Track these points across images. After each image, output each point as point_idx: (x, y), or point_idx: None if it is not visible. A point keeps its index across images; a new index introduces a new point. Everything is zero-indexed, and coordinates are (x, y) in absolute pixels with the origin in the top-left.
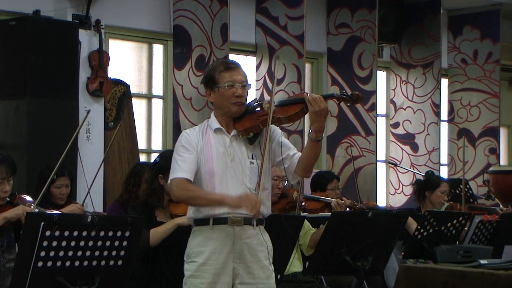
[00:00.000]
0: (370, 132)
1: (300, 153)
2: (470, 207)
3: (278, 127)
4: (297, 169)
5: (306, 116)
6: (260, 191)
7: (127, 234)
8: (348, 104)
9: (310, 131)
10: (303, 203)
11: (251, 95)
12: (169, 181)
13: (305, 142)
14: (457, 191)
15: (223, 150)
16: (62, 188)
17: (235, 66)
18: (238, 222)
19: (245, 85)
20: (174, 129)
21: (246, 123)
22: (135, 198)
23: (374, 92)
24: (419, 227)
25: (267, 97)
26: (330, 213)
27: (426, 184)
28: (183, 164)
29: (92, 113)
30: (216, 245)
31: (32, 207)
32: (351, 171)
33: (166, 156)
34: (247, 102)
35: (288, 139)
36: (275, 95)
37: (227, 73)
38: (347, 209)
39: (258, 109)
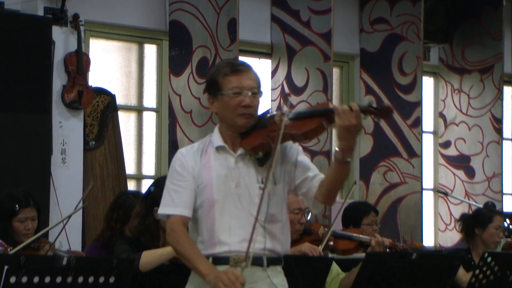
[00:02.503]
0: (414, 154)
1: (323, 175)
2: None
3: (297, 144)
4: (318, 194)
5: (334, 134)
6: (257, 223)
7: (111, 280)
8: (376, 120)
9: (337, 149)
10: (331, 242)
11: (266, 106)
12: (158, 213)
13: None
14: None
15: (226, 173)
16: (27, 222)
17: (244, 69)
18: (242, 262)
19: (255, 93)
20: (170, 149)
21: (255, 140)
22: (120, 236)
23: (418, 104)
24: (477, 272)
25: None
26: (364, 254)
27: (475, 220)
28: (176, 197)
29: (69, 130)
30: None
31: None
32: (390, 202)
33: (162, 185)
34: (259, 114)
35: (312, 162)
36: (296, 106)
37: (234, 77)
38: (387, 250)
39: (269, 122)
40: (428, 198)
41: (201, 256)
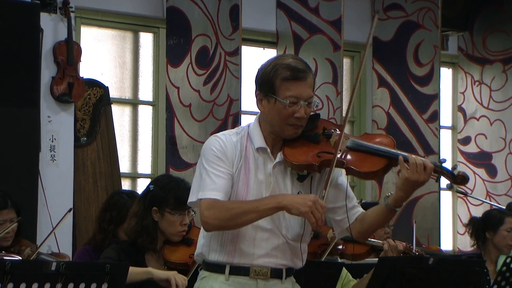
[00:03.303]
0: (431, 150)
1: (362, 210)
2: None
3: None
4: (353, 229)
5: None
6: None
7: (104, 287)
8: (447, 185)
9: (389, 194)
10: (341, 246)
11: None
12: (193, 199)
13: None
14: None
15: (262, 179)
16: (5, 224)
17: (304, 76)
18: (264, 275)
19: (310, 102)
20: (168, 145)
21: (301, 156)
22: (113, 240)
23: (436, 97)
24: (499, 279)
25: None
26: (376, 259)
27: (485, 223)
28: (218, 181)
29: (58, 125)
30: None
31: None
32: (405, 203)
33: (162, 183)
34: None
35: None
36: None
37: (293, 84)
38: (401, 255)
39: (322, 140)
40: (446, 199)
41: (256, 200)
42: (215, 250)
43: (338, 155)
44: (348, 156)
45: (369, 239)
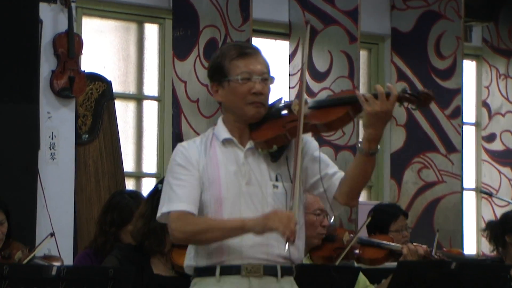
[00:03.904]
0: (454, 148)
1: (343, 173)
2: None
3: (314, 138)
4: (338, 194)
5: (361, 125)
6: (294, 208)
7: None
8: (413, 108)
9: (361, 140)
10: (357, 250)
11: (281, 95)
12: (159, 215)
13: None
14: None
15: (235, 169)
16: None
17: (253, 52)
18: (256, 272)
19: (266, 78)
20: (174, 143)
21: (268, 132)
22: (115, 243)
23: (459, 91)
24: None
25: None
26: (395, 264)
27: (504, 226)
28: (181, 191)
29: (59, 122)
30: None
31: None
32: (426, 204)
33: None
34: (270, 103)
35: (336, 158)
36: (317, 95)
37: (242, 61)
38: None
39: (284, 112)
40: (469, 200)
41: (225, 219)
42: (204, 256)
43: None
44: (313, 116)
45: (387, 242)
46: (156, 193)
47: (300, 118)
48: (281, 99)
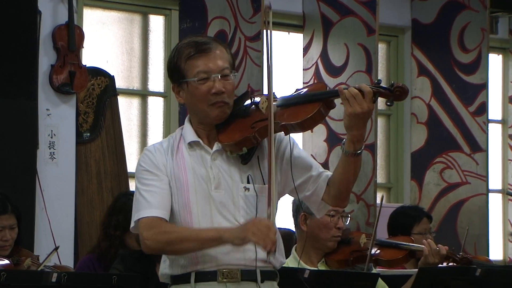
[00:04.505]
0: (478, 147)
1: (329, 173)
2: None
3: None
4: (327, 197)
5: (379, 123)
6: (272, 216)
7: None
8: (388, 103)
9: (343, 142)
10: (376, 250)
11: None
12: (132, 225)
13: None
14: None
15: (203, 173)
16: (4, 231)
17: (209, 46)
18: (233, 277)
19: (227, 74)
20: None
21: (236, 134)
22: (120, 247)
23: (484, 87)
24: None
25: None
26: (416, 270)
27: None
28: (151, 197)
29: (58, 119)
30: None
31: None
32: (449, 207)
33: None
34: (236, 98)
35: None
36: (303, 89)
37: (199, 60)
38: (444, 263)
39: (252, 110)
40: (495, 202)
41: (200, 228)
42: (178, 263)
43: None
44: (280, 115)
45: (408, 243)
46: None
47: (271, 118)
48: (247, 92)
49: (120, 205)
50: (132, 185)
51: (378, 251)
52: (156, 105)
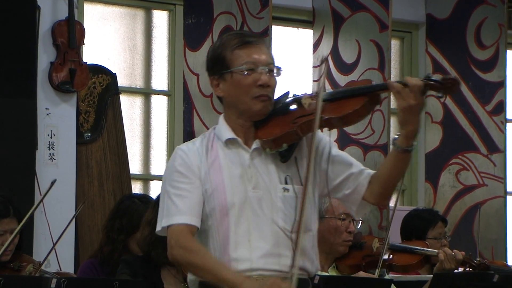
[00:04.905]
0: (496, 148)
1: (371, 171)
2: None
3: (328, 135)
4: (368, 194)
5: (392, 123)
6: (300, 235)
7: None
8: (439, 95)
9: (396, 136)
10: (389, 255)
11: (304, 88)
12: (159, 228)
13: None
14: None
15: (241, 172)
16: (5, 236)
17: (257, 40)
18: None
19: (272, 70)
20: (186, 141)
21: (276, 129)
22: (123, 252)
23: (501, 85)
24: None
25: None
26: (431, 276)
27: None
28: (181, 202)
29: (58, 119)
30: None
31: None
32: (465, 210)
33: None
34: (276, 97)
35: (365, 159)
36: (322, 87)
37: (245, 51)
38: (459, 268)
39: (293, 107)
40: None
41: (223, 265)
42: None
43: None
44: (324, 109)
45: (422, 248)
46: None
47: (317, 112)
48: (288, 93)
49: (124, 208)
50: (134, 187)
51: (392, 256)
52: (159, 104)
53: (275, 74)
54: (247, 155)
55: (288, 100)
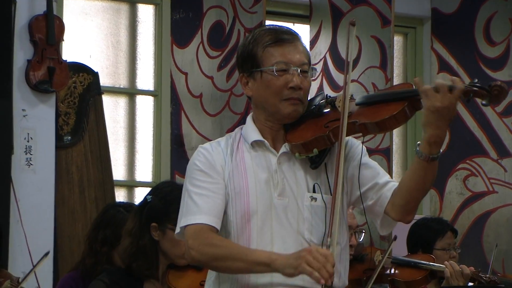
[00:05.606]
0: (506, 152)
1: (396, 182)
2: None
3: (360, 141)
4: (390, 208)
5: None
6: (336, 205)
7: None
8: (484, 102)
9: (419, 142)
10: (392, 270)
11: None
12: (177, 230)
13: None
14: None
15: (266, 177)
16: None
17: (292, 38)
18: None
19: (306, 71)
20: (173, 146)
21: (307, 133)
22: (107, 264)
23: None
24: None
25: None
26: None
27: None
28: (202, 202)
29: (36, 121)
30: None
31: None
32: (474, 219)
33: (162, 193)
34: (309, 98)
35: None
36: (346, 87)
37: (278, 49)
38: (469, 283)
39: (327, 110)
40: None
41: (250, 248)
42: (227, 280)
43: (348, 117)
44: (359, 113)
45: (428, 262)
46: (145, 205)
47: (344, 116)
48: (322, 93)
49: (108, 218)
50: (118, 194)
51: (395, 270)
52: (145, 105)
53: (309, 76)
54: (275, 159)
55: (321, 102)
